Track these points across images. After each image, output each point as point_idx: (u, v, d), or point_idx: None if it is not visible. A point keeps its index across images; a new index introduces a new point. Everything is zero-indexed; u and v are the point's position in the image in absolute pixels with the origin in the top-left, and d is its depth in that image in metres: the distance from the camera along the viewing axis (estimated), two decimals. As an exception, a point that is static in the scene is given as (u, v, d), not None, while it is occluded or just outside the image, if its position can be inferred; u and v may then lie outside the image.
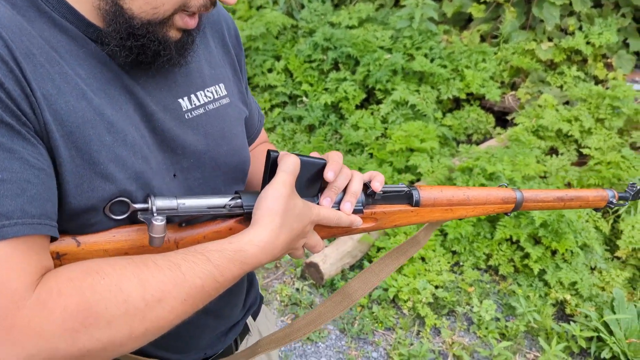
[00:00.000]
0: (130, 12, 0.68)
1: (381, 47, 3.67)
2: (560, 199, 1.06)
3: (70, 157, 0.67)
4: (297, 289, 2.68)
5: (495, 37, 3.90)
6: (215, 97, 0.89)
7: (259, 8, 4.26)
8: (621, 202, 1.15)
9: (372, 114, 3.50)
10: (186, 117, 0.83)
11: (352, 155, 3.31)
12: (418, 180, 3.06)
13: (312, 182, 0.84)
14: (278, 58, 3.86)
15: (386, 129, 3.37)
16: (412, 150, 3.11)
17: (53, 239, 0.68)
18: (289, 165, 0.78)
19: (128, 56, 0.72)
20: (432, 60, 3.57)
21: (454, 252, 2.78)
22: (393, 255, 1.06)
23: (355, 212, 0.88)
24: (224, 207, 0.78)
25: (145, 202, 0.74)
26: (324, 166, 0.83)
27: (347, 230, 0.89)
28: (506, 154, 2.91)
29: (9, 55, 0.62)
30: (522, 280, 2.64)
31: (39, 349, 0.57)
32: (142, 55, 0.72)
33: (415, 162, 3.00)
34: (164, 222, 0.70)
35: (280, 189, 0.76)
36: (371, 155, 3.25)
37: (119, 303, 0.61)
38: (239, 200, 0.79)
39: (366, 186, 0.89)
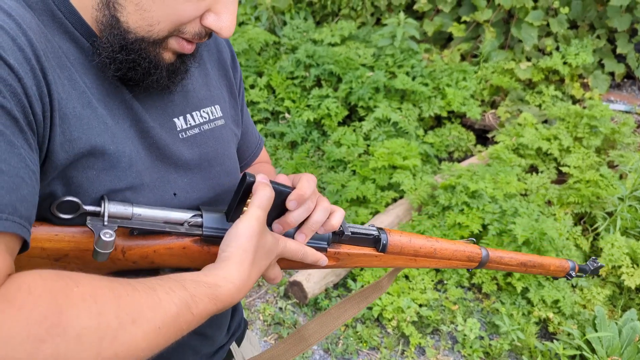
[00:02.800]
0: (126, 25, 0.67)
1: (363, 65, 3.69)
2: (523, 264, 1.08)
3: (67, 161, 0.65)
4: (281, 308, 2.64)
5: (475, 56, 3.96)
6: (211, 117, 0.87)
7: (241, 24, 4.25)
8: (580, 274, 1.18)
9: (354, 131, 3.50)
10: (180, 136, 0.81)
11: (334, 172, 3.30)
12: (401, 197, 3.06)
13: (275, 209, 0.78)
14: (260, 74, 3.85)
15: (369, 146, 3.38)
16: (394, 167, 3.12)
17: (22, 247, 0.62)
18: (263, 201, 0.73)
19: (117, 70, 0.70)
20: (413, 78, 3.60)
21: (437, 270, 2.78)
22: (354, 299, 1.04)
23: (318, 248, 0.84)
24: (182, 224, 0.73)
25: (98, 204, 0.68)
26: (288, 193, 0.78)
27: (308, 266, 0.86)
28: (488, 172, 2.93)
29: (32, 54, 0.61)
30: (506, 298, 2.64)
31: None
32: (131, 72, 0.71)
33: (398, 179, 3.01)
34: (112, 239, 0.65)
35: (254, 226, 0.72)
36: (354, 172, 3.25)
37: (92, 315, 0.54)
38: (199, 219, 0.74)
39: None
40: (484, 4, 3.91)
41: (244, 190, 0.73)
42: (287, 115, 3.66)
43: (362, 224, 2.91)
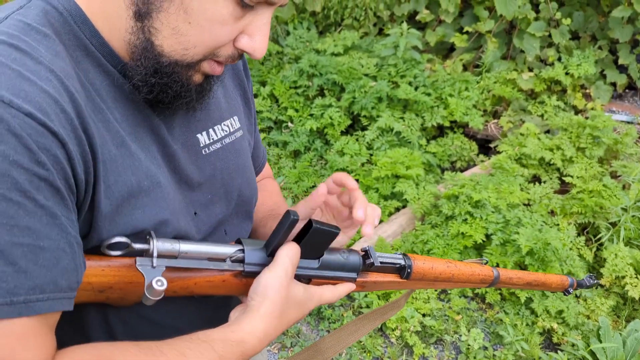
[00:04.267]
0: (160, 48, 0.67)
1: (366, 75, 3.71)
2: (528, 283, 1.15)
3: (112, 207, 0.66)
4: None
5: (478, 66, 3.98)
6: (231, 130, 0.89)
7: (244, 33, 4.27)
8: (577, 289, 1.27)
9: (357, 140, 3.51)
10: (203, 152, 0.83)
11: (337, 181, 3.30)
12: (404, 206, 3.06)
13: (320, 245, 0.81)
14: (264, 84, 3.86)
15: (371, 155, 3.38)
16: (397, 176, 3.12)
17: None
18: (293, 254, 0.76)
19: (149, 93, 0.70)
20: (416, 88, 3.61)
21: (440, 280, 2.77)
22: (371, 317, 1.06)
23: (348, 279, 0.86)
24: (224, 260, 0.75)
25: (146, 242, 0.69)
26: (336, 234, 0.80)
27: None
28: (491, 182, 2.94)
29: (75, 113, 0.61)
30: (509, 308, 2.64)
31: None
32: (162, 94, 0.71)
33: (401, 188, 3.01)
34: (164, 287, 0.66)
35: (282, 279, 0.74)
36: (357, 181, 3.25)
37: None
38: (241, 255, 0.76)
39: (366, 253, 0.88)
40: (486, 14, 3.93)
41: (288, 227, 0.74)
42: (290, 124, 3.67)
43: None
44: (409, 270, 0.93)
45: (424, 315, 2.59)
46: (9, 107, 0.55)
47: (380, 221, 2.99)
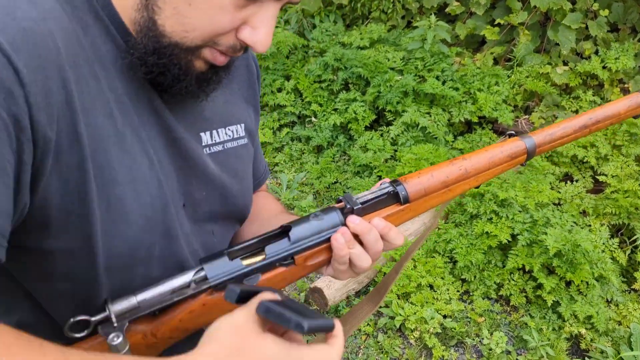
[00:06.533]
0: (162, 27, 0.66)
1: (392, 68, 3.62)
2: (584, 126, 0.93)
3: (94, 171, 0.64)
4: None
5: (509, 60, 3.84)
6: (235, 136, 0.87)
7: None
8: None
9: (381, 135, 3.43)
10: (205, 151, 0.81)
11: (360, 177, 3.24)
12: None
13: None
14: (288, 77, 3.83)
15: (396, 151, 3.31)
16: (422, 173, 3.04)
17: None
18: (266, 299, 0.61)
19: (148, 73, 0.69)
20: (443, 83, 3.51)
21: (463, 280, 2.69)
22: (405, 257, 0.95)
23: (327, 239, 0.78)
24: (188, 286, 0.72)
25: (103, 309, 0.68)
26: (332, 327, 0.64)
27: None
28: (519, 180, 2.82)
29: (55, 62, 0.59)
30: (535, 311, 2.53)
31: None
32: (161, 77, 0.69)
33: (424, 185, 2.92)
34: (120, 339, 0.66)
35: (240, 324, 0.58)
36: (380, 177, 3.18)
37: None
38: (202, 273, 0.72)
39: (342, 202, 0.80)
40: (519, 6, 3.79)
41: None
42: (313, 118, 3.62)
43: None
44: (403, 193, 0.81)
45: (444, 316, 2.51)
46: None
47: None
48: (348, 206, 0.79)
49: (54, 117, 0.59)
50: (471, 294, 2.64)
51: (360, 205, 0.79)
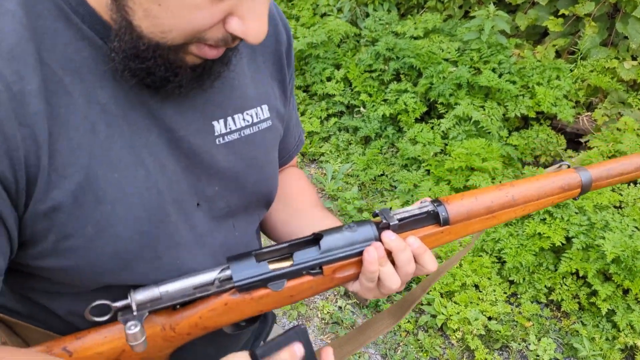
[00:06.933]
0: (139, 29, 0.59)
1: (446, 60, 3.50)
2: None
3: (72, 196, 0.62)
4: (340, 307, 2.56)
5: (573, 53, 3.64)
6: (254, 120, 0.80)
7: (323, 15, 4.19)
8: None
9: (432, 128, 3.33)
10: (217, 142, 0.75)
11: (407, 170, 3.16)
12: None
13: None
14: (338, 66, 3.77)
15: (446, 145, 3.20)
16: (472, 169, 2.93)
17: None
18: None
19: (132, 77, 0.63)
20: (500, 75, 3.36)
21: (511, 282, 2.57)
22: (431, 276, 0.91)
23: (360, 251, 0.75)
24: (212, 283, 0.71)
25: (125, 297, 0.68)
26: None
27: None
28: (577, 180, 2.66)
29: (16, 111, 0.57)
30: (588, 319, 2.39)
31: None
32: (147, 79, 0.63)
33: (475, 182, 2.81)
34: (137, 329, 0.66)
35: None
36: (428, 171, 3.09)
37: None
38: (227, 272, 0.71)
39: (377, 217, 0.77)
40: (586, -4, 3.57)
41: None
42: (362, 109, 3.56)
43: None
44: (444, 214, 0.77)
45: (489, 318, 2.41)
46: None
47: (450, 215, 2.82)
48: (384, 221, 0.76)
49: (20, 160, 0.58)
50: (519, 296, 2.53)
51: (397, 222, 0.76)
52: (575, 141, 3.40)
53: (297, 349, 0.65)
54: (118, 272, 0.68)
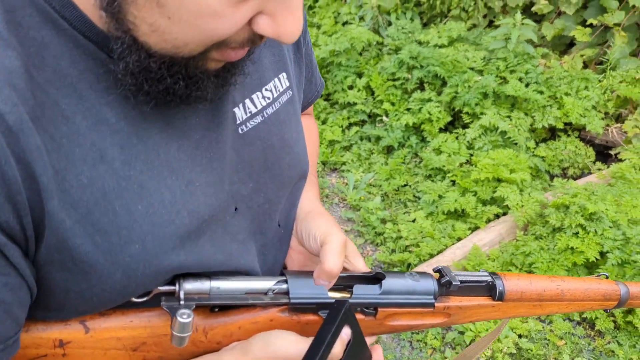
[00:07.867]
0: (147, 45, 0.50)
1: (471, 68, 3.43)
2: None
3: (92, 241, 0.54)
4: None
5: (601, 63, 3.56)
6: (275, 95, 0.71)
7: (344, 24, 4.15)
8: None
9: (457, 138, 3.26)
10: (240, 131, 0.66)
11: (432, 181, 3.08)
12: (505, 214, 2.78)
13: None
14: (360, 75, 3.71)
15: (472, 155, 3.12)
16: (499, 180, 2.84)
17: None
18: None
19: (148, 102, 0.54)
20: (527, 85, 3.29)
21: (542, 298, 2.47)
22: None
23: (425, 305, 0.73)
24: (266, 293, 0.65)
25: (172, 283, 0.61)
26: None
27: (418, 326, 0.75)
28: (610, 193, 2.57)
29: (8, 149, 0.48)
30: (624, 339, 2.28)
31: None
32: (167, 97, 0.55)
33: (502, 193, 2.73)
34: (191, 319, 0.58)
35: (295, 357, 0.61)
36: (453, 182, 3.01)
37: None
38: (284, 286, 0.66)
39: (440, 273, 0.74)
40: (615, 5, 3.49)
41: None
42: (385, 118, 3.49)
43: (459, 239, 2.68)
44: (500, 288, 0.76)
45: (520, 336, 2.31)
46: None
47: (477, 227, 2.74)
48: (447, 278, 0.73)
49: (24, 205, 0.50)
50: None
51: (459, 283, 0.74)
52: (604, 153, 3.31)
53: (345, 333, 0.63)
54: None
